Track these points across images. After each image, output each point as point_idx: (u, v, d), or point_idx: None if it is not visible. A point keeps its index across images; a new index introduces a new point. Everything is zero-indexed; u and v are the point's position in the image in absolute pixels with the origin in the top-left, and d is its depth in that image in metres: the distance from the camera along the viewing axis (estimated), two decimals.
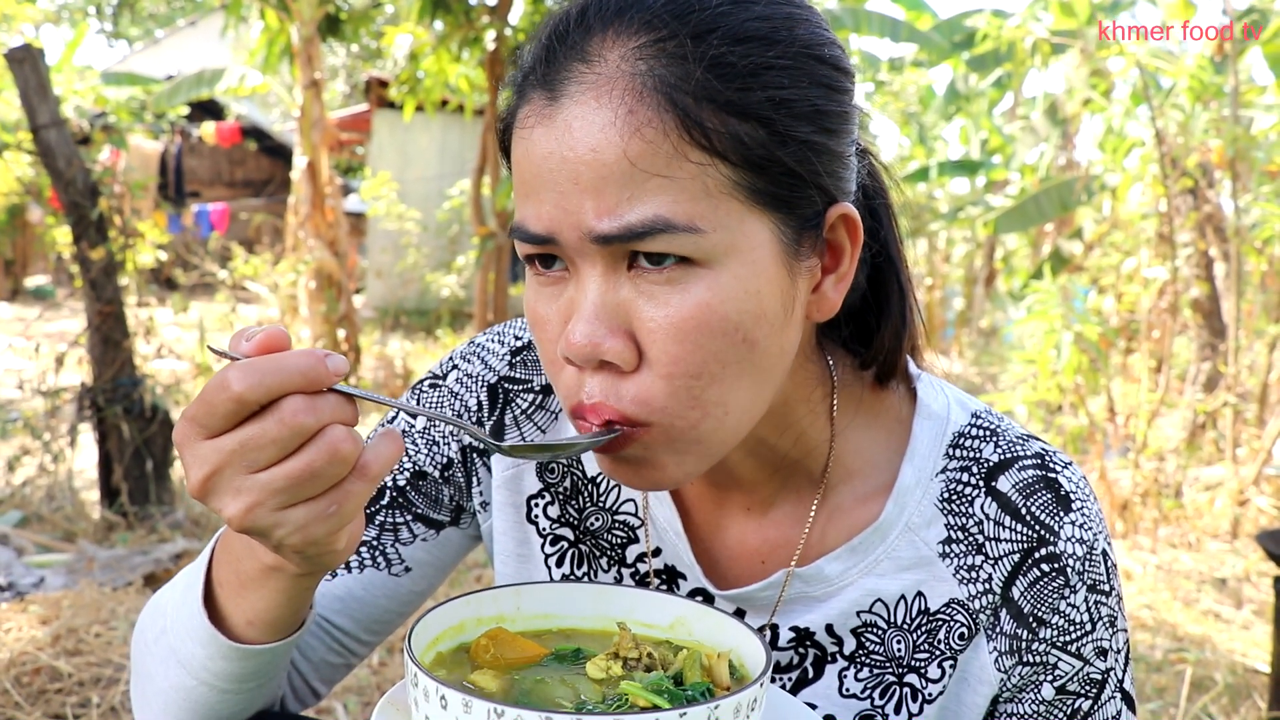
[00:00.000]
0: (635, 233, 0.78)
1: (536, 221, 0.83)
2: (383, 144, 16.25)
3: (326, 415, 0.71)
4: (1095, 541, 0.97)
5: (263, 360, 0.70)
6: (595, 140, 0.78)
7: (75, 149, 4.77)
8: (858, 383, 1.03)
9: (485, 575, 4.52)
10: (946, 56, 13.21)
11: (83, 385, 4.97)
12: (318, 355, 0.71)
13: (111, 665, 3.05)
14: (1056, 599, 0.96)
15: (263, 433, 0.70)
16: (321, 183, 9.32)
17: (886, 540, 0.99)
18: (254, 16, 9.63)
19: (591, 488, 1.08)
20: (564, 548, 1.09)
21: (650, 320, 0.80)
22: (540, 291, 0.88)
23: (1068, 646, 0.97)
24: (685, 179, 0.78)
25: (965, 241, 16.71)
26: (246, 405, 0.70)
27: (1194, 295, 7.18)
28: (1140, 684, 3.69)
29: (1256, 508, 5.52)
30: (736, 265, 0.81)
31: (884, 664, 1.00)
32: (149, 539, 4.65)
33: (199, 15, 26.43)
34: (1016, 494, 0.98)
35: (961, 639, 0.98)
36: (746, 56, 0.79)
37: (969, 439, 1.01)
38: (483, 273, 10.19)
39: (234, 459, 0.71)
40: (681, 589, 1.05)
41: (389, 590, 1.10)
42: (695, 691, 0.82)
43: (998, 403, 6.64)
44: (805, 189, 0.83)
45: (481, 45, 9.41)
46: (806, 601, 1.01)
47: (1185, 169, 6.34)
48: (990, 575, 0.97)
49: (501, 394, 1.10)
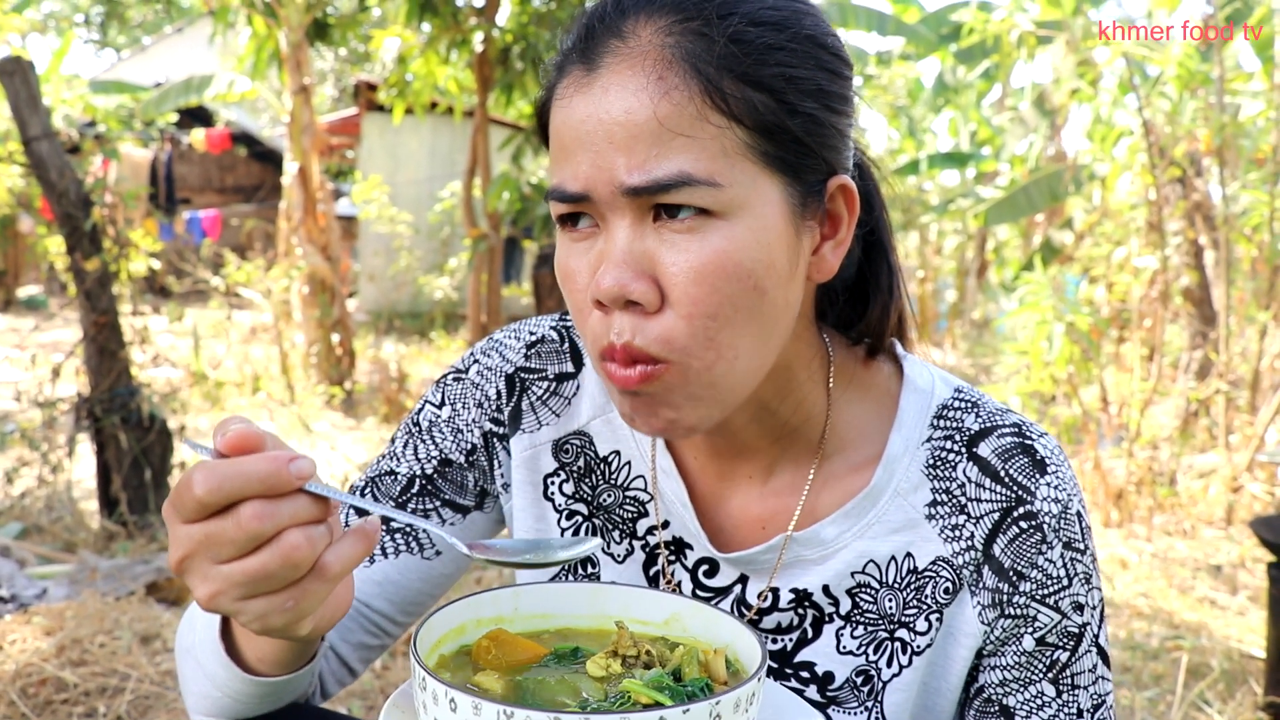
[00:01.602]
0: (662, 185, 0.88)
1: (574, 181, 0.91)
2: (373, 147, 16.24)
3: (284, 520, 0.76)
4: (1070, 502, 1.05)
5: (225, 465, 0.75)
6: (629, 103, 0.88)
7: (67, 160, 4.77)
8: (851, 359, 1.12)
9: (485, 577, 4.54)
10: (934, 49, 13.24)
11: (79, 396, 4.98)
12: (281, 460, 0.76)
13: (116, 675, 3.06)
14: (1034, 554, 1.03)
15: (221, 532, 0.76)
16: (313, 188, 9.32)
17: (877, 505, 1.06)
18: (241, 23, 9.62)
19: (604, 466, 1.17)
20: (579, 522, 1.18)
21: (673, 265, 0.89)
22: (572, 248, 0.96)
23: (1046, 600, 1.04)
24: (706, 139, 0.88)
25: (956, 233, 16.73)
26: (207, 507, 0.75)
27: (1184, 283, 7.21)
28: (1137, 672, 3.72)
29: (1250, 494, 5.55)
30: (750, 219, 0.90)
31: (877, 621, 1.07)
32: (149, 548, 4.67)
33: (186, 22, 26.39)
34: (996, 458, 1.05)
35: (947, 593, 1.05)
36: (761, 36, 0.90)
37: (952, 410, 1.09)
38: (475, 274, 10.20)
39: (200, 549, 0.77)
40: (689, 558, 1.12)
41: (422, 573, 1.18)
42: (694, 687, 0.84)
43: (993, 395, 6.65)
44: (810, 158, 0.93)
45: (470, 47, 9.41)
46: (804, 564, 1.08)
47: (1173, 158, 6.36)
48: (973, 533, 1.05)
49: (518, 382, 1.19)
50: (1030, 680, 1.05)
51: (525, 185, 10.61)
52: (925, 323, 16.12)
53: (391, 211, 13.55)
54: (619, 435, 1.16)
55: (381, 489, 1.19)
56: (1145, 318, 6.88)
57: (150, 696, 3.01)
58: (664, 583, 1.13)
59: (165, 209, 14.83)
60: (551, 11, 8.97)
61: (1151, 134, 6.18)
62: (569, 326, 1.20)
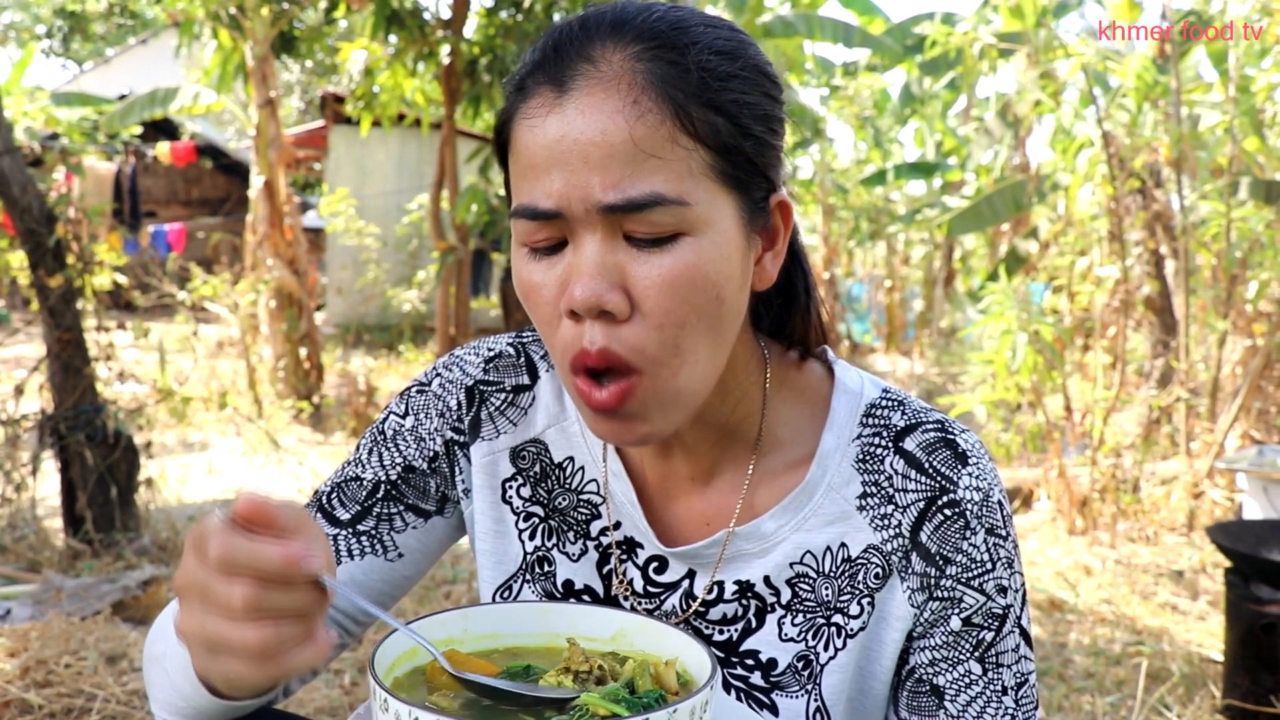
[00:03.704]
0: (636, 204, 0.93)
1: (546, 198, 0.96)
2: (340, 160, 16.20)
3: (270, 611, 0.81)
4: (990, 490, 1.11)
5: (242, 543, 0.80)
6: (605, 125, 0.93)
7: (30, 176, 4.75)
8: (784, 363, 1.20)
9: (454, 592, 4.54)
10: (900, 61, 13.34)
11: (43, 413, 4.94)
12: (294, 557, 0.80)
13: (83, 695, 3.05)
14: (959, 539, 1.10)
15: (217, 592, 0.80)
16: (279, 201, 9.29)
17: (813, 499, 1.13)
18: (206, 35, 9.59)
19: (558, 471, 1.24)
20: (535, 523, 1.24)
21: (645, 278, 0.95)
22: (535, 265, 1.00)
23: (971, 582, 1.10)
24: (675, 160, 0.94)
25: (923, 243, 16.84)
26: (217, 564, 0.80)
27: (1146, 293, 7.30)
28: (1100, 677, 3.76)
29: (1211, 500, 5.62)
30: (713, 233, 0.97)
31: (815, 609, 1.13)
32: (115, 566, 4.64)
33: (150, 34, 26.21)
34: (920, 451, 1.12)
35: (878, 579, 1.12)
36: (720, 65, 0.97)
37: (880, 409, 1.16)
38: (444, 287, 10.18)
39: (197, 590, 0.82)
40: (640, 556, 1.19)
41: (385, 574, 1.24)
42: (650, 698, 0.87)
43: (958, 404, 6.72)
44: (757, 176, 1.01)
45: (437, 59, 9.41)
46: (746, 558, 1.15)
47: (1132, 169, 6.45)
48: (900, 521, 1.11)
49: (478, 394, 1.25)
50: (958, 660, 1.11)
51: (493, 197, 10.61)
52: (893, 332, 16.23)
53: (359, 224, 13.52)
54: (572, 442, 1.23)
55: (347, 494, 1.25)
56: (1108, 327, 6.96)
57: (117, 717, 2.99)
58: (617, 580, 1.19)
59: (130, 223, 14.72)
60: (518, 24, 8.99)
61: (1111, 145, 6.26)
62: (525, 343, 1.27)
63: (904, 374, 12.96)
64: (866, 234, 15.28)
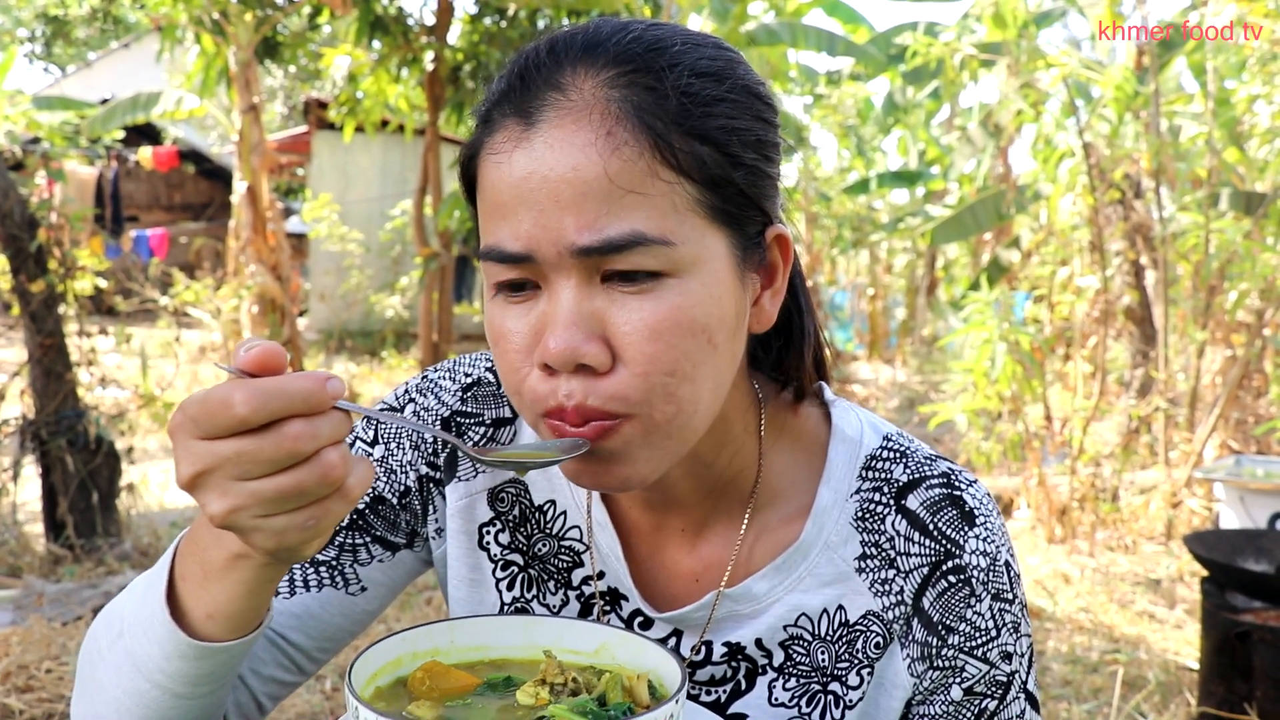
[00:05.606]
0: (615, 245, 0.85)
1: (514, 240, 0.87)
2: (323, 165, 16.18)
3: (324, 439, 0.75)
4: (998, 554, 1.04)
5: (267, 383, 0.74)
6: (576, 160, 0.85)
7: (12, 181, 4.74)
8: (780, 406, 1.11)
9: (436, 599, 4.54)
10: (883, 69, 13.37)
11: (24, 418, 4.93)
12: (319, 380, 0.75)
13: (64, 701, 3.04)
14: (963, 608, 1.03)
15: (259, 450, 0.73)
16: (262, 207, 9.28)
17: (808, 559, 1.05)
18: (190, 40, 9.57)
19: (539, 515, 1.15)
20: (514, 572, 1.15)
21: (625, 325, 0.87)
22: (507, 310, 0.92)
23: (974, 651, 1.03)
24: (657, 196, 0.85)
25: (906, 251, 16.92)
26: (248, 424, 0.73)
27: (1126, 303, 7.35)
28: (1077, 685, 3.79)
29: (1189, 509, 5.66)
30: (702, 274, 0.88)
31: (809, 674, 1.06)
32: (96, 571, 4.62)
33: (133, 38, 26.10)
34: (924, 511, 1.05)
35: (878, 647, 1.05)
36: (704, 88, 0.88)
37: (880, 461, 1.08)
38: (426, 293, 10.18)
39: (226, 465, 0.74)
40: (624, 609, 1.11)
41: (344, 609, 1.15)
42: (617, 711, 0.88)
43: (940, 413, 6.76)
44: (751, 209, 0.92)
45: (420, 65, 9.42)
46: (737, 619, 1.07)
47: (1112, 180, 6.50)
48: (902, 587, 1.04)
49: (455, 427, 1.15)
50: None
51: None
52: (876, 340, 16.29)
53: (342, 230, 13.51)
54: (554, 484, 1.14)
55: None
56: (1089, 336, 7.01)
57: None
58: None
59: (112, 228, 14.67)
60: (502, 31, 9.01)
61: (1092, 156, 6.30)
62: None
63: (886, 382, 13.00)
64: (850, 242, 15.35)
